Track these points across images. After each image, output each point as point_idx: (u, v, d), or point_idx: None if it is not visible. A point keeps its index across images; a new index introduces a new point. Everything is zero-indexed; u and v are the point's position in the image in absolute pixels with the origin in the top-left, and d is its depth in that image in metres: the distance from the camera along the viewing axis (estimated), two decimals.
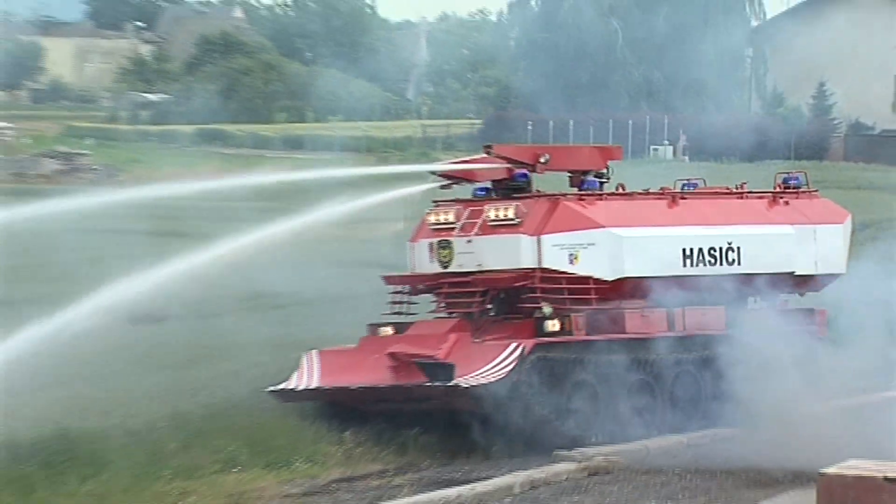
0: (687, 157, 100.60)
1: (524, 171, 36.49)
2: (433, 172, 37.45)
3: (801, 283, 37.95)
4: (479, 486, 31.25)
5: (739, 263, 36.79)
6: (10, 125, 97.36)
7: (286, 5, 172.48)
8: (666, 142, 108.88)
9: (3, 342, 29.78)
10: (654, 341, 35.51)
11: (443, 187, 36.96)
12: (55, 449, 29.81)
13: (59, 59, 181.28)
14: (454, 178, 36.87)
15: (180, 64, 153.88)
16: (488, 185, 36.48)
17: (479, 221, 35.40)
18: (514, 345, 33.91)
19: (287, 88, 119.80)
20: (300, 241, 38.02)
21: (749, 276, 36.95)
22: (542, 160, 36.75)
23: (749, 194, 39.97)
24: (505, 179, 36.36)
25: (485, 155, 37.30)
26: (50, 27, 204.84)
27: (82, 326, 41.67)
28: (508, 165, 36.54)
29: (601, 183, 37.34)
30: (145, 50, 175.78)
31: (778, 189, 39.78)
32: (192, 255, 34.22)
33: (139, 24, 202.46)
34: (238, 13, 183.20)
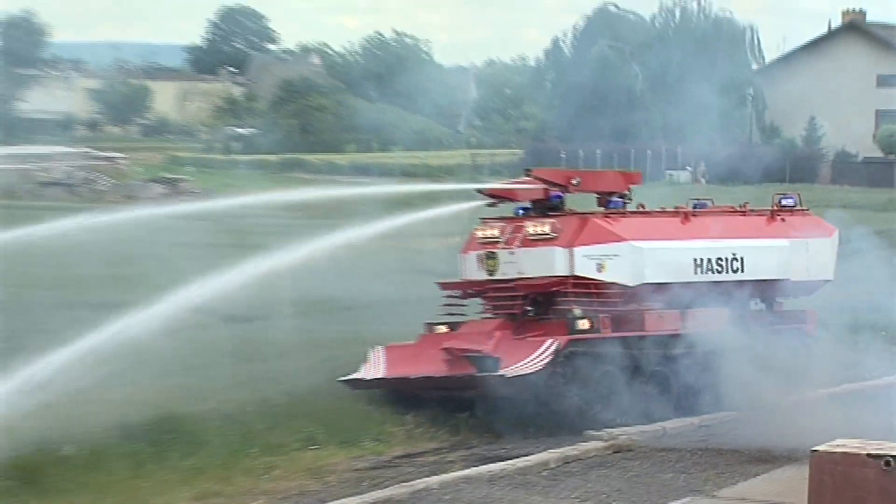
0: (704, 181, 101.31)
1: (558, 192, 36.71)
2: (480, 191, 37.71)
3: (796, 288, 38.01)
4: (520, 462, 31.62)
5: (742, 271, 36.92)
6: (123, 155, 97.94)
7: (356, 53, 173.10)
8: (689, 168, 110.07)
9: (106, 339, 30.10)
10: (669, 338, 35.70)
11: (489, 206, 37.25)
12: (161, 429, 30.02)
13: (165, 100, 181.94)
14: (499, 197, 37.17)
15: (266, 103, 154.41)
16: (528, 204, 36.69)
17: (520, 236, 35.70)
18: (549, 341, 34.19)
19: (355, 123, 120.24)
20: (364, 252, 38.07)
21: (750, 283, 37.08)
22: (573, 182, 37.02)
23: (750, 212, 40.15)
24: (542, 200, 36.57)
25: (525, 177, 37.56)
26: (157, 73, 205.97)
27: (182, 324, 42.08)
28: (545, 187, 36.77)
29: (624, 203, 37.52)
30: (237, 91, 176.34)
31: (775, 208, 39.90)
32: (272, 262, 34.46)
33: (232, 69, 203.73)
34: (315, 59, 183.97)
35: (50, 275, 50.12)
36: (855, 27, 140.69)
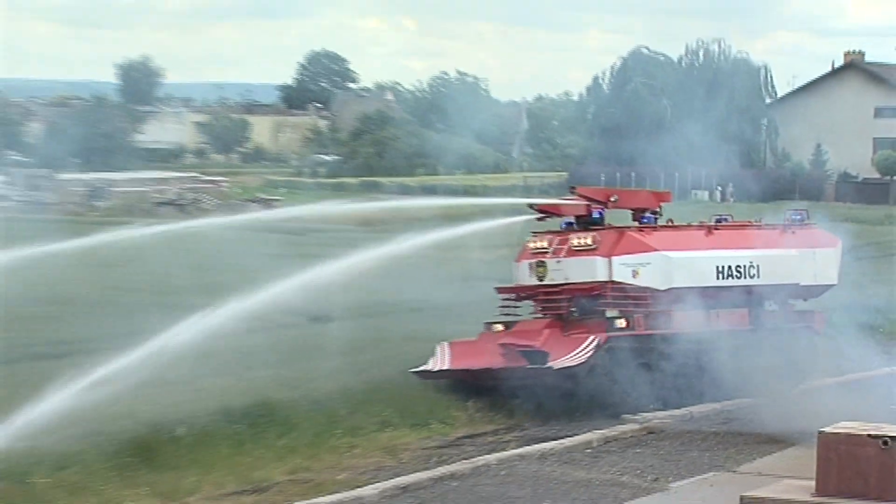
0: (732, 199, 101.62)
1: (599, 209, 36.72)
2: (531, 206, 37.74)
3: (805, 291, 37.87)
4: (567, 442, 31.73)
5: (758, 277, 36.77)
6: (225, 179, 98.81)
7: (424, 90, 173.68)
8: (718, 188, 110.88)
9: (207, 336, 30.30)
10: (695, 335, 35.56)
11: (538, 220, 37.28)
12: (258, 414, 30.10)
13: (261, 131, 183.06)
14: (547, 212, 37.15)
15: (347, 133, 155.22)
16: (572, 219, 36.65)
17: (566, 247, 35.67)
18: (591, 337, 34.23)
19: (424, 150, 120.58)
20: (429, 261, 38.00)
21: (765, 287, 36.94)
22: (612, 200, 37.10)
23: (765, 226, 40.04)
24: (584, 215, 36.57)
25: (570, 195, 37.64)
26: (254, 108, 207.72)
27: (274, 323, 42.27)
28: (587, 203, 36.79)
29: (655, 218, 37.46)
30: (322, 124, 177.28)
31: (786, 222, 39.79)
32: (347, 268, 34.67)
33: (318, 105, 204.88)
34: (389, 96, 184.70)
35: (145, 281, 50.29)
36: (855, 66, 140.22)
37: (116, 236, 37.97)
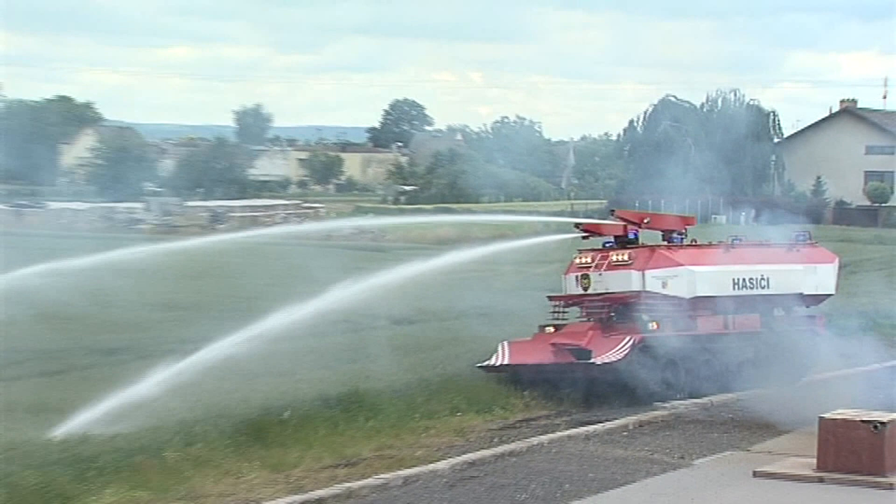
0: (754, 223, 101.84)
1: (634, 230, 36.64)
2: (577, 225, 37.86)
3: (808, 300, 37.67)
4: (607, 425, 31.59)
5: (768, 287, 36.59)
6: (323, 206, 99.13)
7: (487, 131, 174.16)
8: (742, 213, 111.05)
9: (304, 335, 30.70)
10: (715, 336, 35.52)
11: (583, 238, 37.28)
12: (349, 401, 30.05)
13: (352, 166, 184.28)
14: (591, 232, 37.16)
15: (423, 168, 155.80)
16: (611, 239, 36.55)
17: (606, 262, 35.58)
18: (628, 338, 34.10)
19: (488, 181, 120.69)
20: (493, 274, 37.82)
21: (774, 296, 36.78)
22: (645, 222, 37.05)
23: (774, 244, 39.89)
24: (622, 235, 36.50)
25: (611, 218, 37.68)
26: (347, 147, 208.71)
27: (362, 325, 42.33)
28: (625, 224, 36.76)
29: (682, 238, 37.39)
30: (402, 160, 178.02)
31: (796, 241, 39.65)
32: (420, 276, 35.01)
33: (399, 144, 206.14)
34: (459, 136, 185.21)
35: (246, 289, 50.69)
36: (848, 111, 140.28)
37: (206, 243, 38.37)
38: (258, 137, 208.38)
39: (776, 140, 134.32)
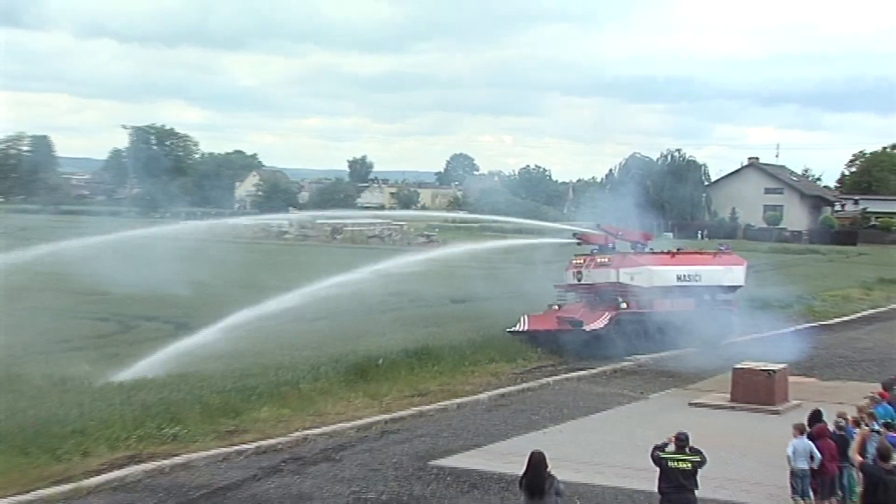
0: (707, 238, 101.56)
1: (612, 240, 36.67)
2: (575, 234, 37.69)
3: (726, 289, 37.40)
4: (593, 371, 31.80)
5: (700, 281, 36.42)
6: (405, 223, 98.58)
7: (514, 176, 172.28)
8: (700, 232, 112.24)
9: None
10: (665, 313, 35.44)
11: (577, 244, 37.22)
12: (421, 353, 29.92)
13: (424, 197, 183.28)
14: (583, 240, 37.10)
15: (472, 199, 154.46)
16: (597, 246, 36.55)
17: (593, 262, 35.67)
18: (607, 313, 34.25)
19: (512, 209, 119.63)
20: (517, 270, 37.72)
21: (704, 287, 36.55)
22: (619, 234, 37.11)
23: (704, 252, 39.86)
24: (604, 244, 36.54)
25: (599, 229, 37.61)
26: (422, 184, 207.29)
27: (432, 305, 42.11)
28: (606, 235, 36.81)
29: (644, 247, 37.33)
30: (459, 194, 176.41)
31: (717, 251, 39.45)
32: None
33: (456, 182, 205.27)
34: (496, 179, 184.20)
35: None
36: (753, 165, 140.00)
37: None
38: (363, 178, 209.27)
39: (706, 184, 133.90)
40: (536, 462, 13.40)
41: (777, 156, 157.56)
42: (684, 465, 14.79)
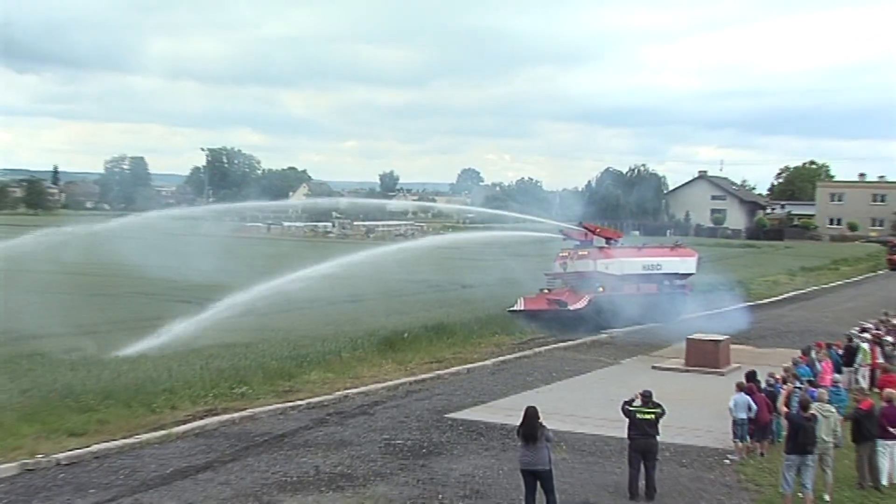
0: (675, 236, 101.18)
1: (591, 237, 36.48)
2: (561, 230, 37.37)
3: (681, 276, 37.17)
4: (576, 342, 31.50)
5: (661, 269, 36.24)
6: (424, 224, 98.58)
7: (512, 186, 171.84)
8: (668, 231, 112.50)
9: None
10: (633, 295, 35.13)
11: (563, 239, 36.97)
12: (439, 328, 29.91)
13: (440, 202, 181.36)
14: (567, 236, 36.86)
15: (479, 205, 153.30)
16: (578, 241, 36.38)
17: (576, 254, 35.45)
18: (587, 296, 33.93)
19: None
20: (515, 261, 37.57)
21: (663, 274, 36.36)
22: (596, 232, 36.82)
23: (663, 246, 39.75)
24: (584, 239, 36.38)
25: (580, 227, 37.39)
26: (438, 193, 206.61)
27: (446, 289, 41.81)
28: (586, 232, 36.65)
29: (615, 243, 37.08)
30: (468, 201, 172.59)
31: (674, 245, 39.33)
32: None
33: (466, 192, 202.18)
34: (497, 188, 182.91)
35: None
36: (702, 177, 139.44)
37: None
38: (391, 188, 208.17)
39: (665, 192, 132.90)
40: (530, 415, 13.42)
41: (721, 169, 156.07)
42: (649, 416, 14.83)
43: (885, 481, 15.46)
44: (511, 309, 34.41)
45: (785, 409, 16.36)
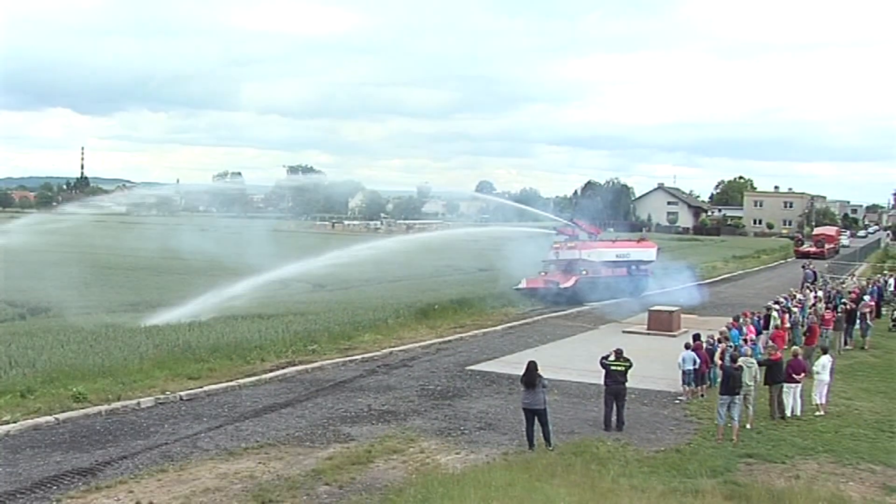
0: (647, 234, 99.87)
1: (577, 232, 36.16)
2: (555, 227, 37.08)
3: (644, 263, 36.83)
4: (564, 313, 30.92)
5: (629, 258, 35.94)
6: (452, 223, 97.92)
7: (517, 193, 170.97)
8: (642, 231, 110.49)
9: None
10: (608, 277, 34.85)
11: (557, 234, 36.51)
12: (462, 302, 29.51)
13: (463, 207, 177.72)
14: (560, 232, 36.38)
15: (493, 208, 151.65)
16: (567, 235, 35.98)
17: (566, 246, 35.14)
18: (574, 277, 33.63)
19: (523, 215, 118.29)
20: (520, 251, 37.19)
21: (631, 261, 36.04)
22: (583, 227, 36.48)
23: (630, 241, 39.34)
24: (571, 234, 35.96)
25: (572, 222, 37.05)
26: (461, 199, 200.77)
27: (467, 272, 41.25)
28: (576, 227, 36.36)
29: (595, 237, 36.67)
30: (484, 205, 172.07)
31: (639, 239, 39.01)
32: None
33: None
34: (506, 195, 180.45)
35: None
36: (661, 188, 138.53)
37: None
38: (426, 195, 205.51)
39: (632, 199, 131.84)
40: (531, 367, 13.39)
41: (674, 181, 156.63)
42: (620, 368, 14.78)
43: (788, 412, 15.74)
44: (516, 287, 34.03)
45: (720, 362, 16.45)
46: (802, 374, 16.05)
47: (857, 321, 25.53)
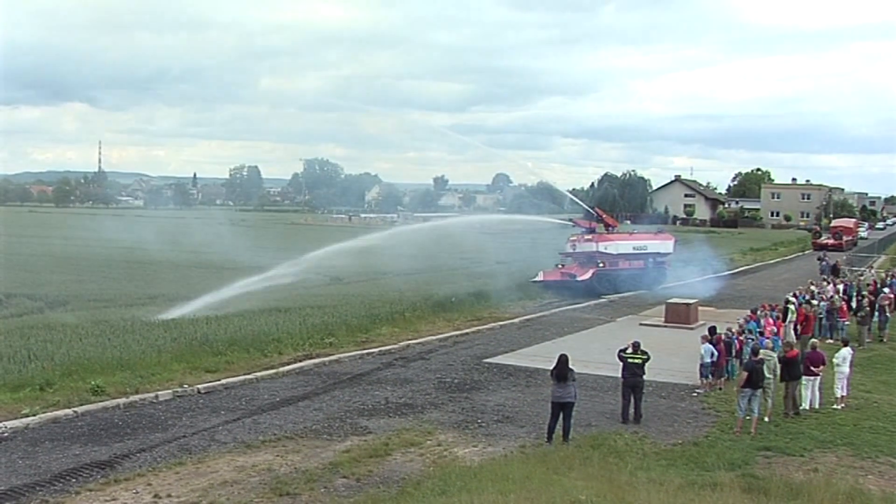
0: (661, 227, 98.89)
1: (595, 224, 35.93)
2: (571, 219, 36.99)
3: (662, 255, 36.60)
4: (582, 305, 30.84)
5: (647, 250, 35.79)
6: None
7: (534, 187, 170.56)
8: (658, 225, 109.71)
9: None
10: (626, 269, 34.73)
11: (573, 226, 36.44)
12: (478, 294, 29.50)
13: (480, 200, 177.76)
14: (575, 223, 36.36)
15: (509, 200, 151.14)
16: (584, 228, 35.84)
17: (583, 238, 34.95)
18: (591, 270, 33.60)
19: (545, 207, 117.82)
20: (540, 241, 37.11)
21: (648, 253, 35.87)
22: (602, 217, 36.34)
23: (648, 232, 39.03)
24: (589, 226, 35.86)
25: (594, 210, 36.83)
26: (477, 192, 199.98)
27: (485, 264, 41.09)
28: (597, 214, 36.30)
29: (613, 229, 36.48)
30: (500, 198, 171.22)
31: (657, 231, 38.81)
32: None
33: (498, 191, 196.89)
34: (523, 188, 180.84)
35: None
36: (678, 180, 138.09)
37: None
38: (442, 188, 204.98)
39: (650, 191, 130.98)
40: (563, 360, 13.30)
41: (691, 174, 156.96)
42: (638, 360, 14.70)
43: (806, 405, 15.57)
44: (533, 280, 33.93)
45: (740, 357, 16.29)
46: (821, 367, 15.86)
47: (877, 313, 25.30)
